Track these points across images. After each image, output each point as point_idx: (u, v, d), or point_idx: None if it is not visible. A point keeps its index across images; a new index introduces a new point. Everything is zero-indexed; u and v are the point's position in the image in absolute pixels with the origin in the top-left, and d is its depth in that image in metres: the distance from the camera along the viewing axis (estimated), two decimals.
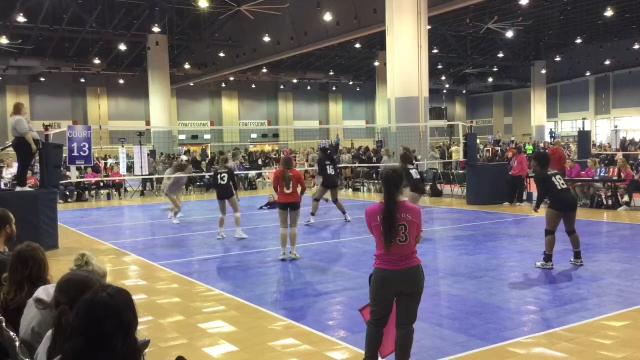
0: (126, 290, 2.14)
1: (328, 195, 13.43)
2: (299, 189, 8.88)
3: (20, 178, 10.95)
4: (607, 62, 41.50)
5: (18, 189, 10.71)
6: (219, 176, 11.28)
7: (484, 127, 51.35)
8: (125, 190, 22.26)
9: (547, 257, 7.95)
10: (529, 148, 31.16)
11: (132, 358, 1.96)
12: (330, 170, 13.10)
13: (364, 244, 9.94)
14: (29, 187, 11.68)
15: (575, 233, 8.06)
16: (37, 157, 11.36)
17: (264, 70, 41.17)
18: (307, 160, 25.44)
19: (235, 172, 12.46)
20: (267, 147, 44.36)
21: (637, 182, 13.94)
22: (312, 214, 12.98)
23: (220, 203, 11.32)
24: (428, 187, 19.31)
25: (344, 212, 13.13)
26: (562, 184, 8.00)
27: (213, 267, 8.75)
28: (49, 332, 2.61)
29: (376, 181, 20.07)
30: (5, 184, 16.18)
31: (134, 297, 2.21)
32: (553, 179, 7.92)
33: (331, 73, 45.84)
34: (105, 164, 26.93)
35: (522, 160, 15.99)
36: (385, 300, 4.17)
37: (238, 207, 11.45)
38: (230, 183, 11.22)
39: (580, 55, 41.16)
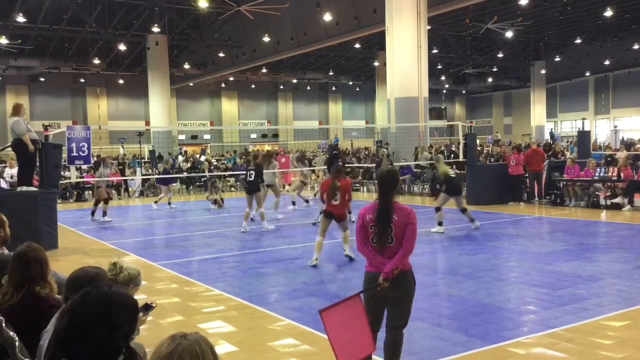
0: (133, 298, 2.12)
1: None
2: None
3: (24, 178, 10.93)
4: (607, 63, 41.47)
5: (24, 188, 10.69)
6: (247, 173, 12.24)
7: (484, 127, 51.27)
8: (126, 190, 22.30)
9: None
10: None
11: (115, 356, 1.95)
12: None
13: None
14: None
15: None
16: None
17: (264, 70, 41.10)
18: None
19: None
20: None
21: (637, 182, 13.94)
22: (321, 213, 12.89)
23: (248, 198, 12.25)
24: (427, 187, 19.32)
25: (349, 212, 13.08)
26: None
27: (213, 267, 8.74)
28: (50, 326, 2.62)
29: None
30: (7, 184, 16.17)
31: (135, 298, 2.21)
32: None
33: (331, 73, 45.74)
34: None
35: (519, 159, 15.97)
36: (371, 302, 3.95)
37: (262, 202, 12.36)
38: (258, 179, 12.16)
39: (580, 56, 41.13)
